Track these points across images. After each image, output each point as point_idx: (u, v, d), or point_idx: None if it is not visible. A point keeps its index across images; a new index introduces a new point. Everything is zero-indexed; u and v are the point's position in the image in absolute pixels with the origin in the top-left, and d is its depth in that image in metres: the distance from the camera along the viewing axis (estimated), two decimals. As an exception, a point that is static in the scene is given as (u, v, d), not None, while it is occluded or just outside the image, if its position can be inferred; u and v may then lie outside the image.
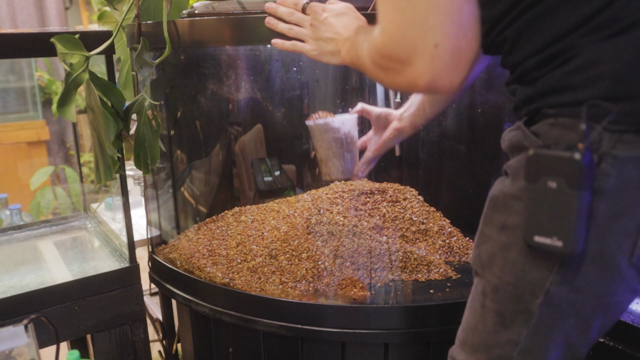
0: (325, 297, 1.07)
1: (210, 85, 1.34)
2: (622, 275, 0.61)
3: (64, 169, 2.74)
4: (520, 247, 0.64)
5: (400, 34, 0.61)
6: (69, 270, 1.28)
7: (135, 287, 1.25)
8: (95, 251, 1.42)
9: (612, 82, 0.57)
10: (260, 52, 1.29)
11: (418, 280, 1.11)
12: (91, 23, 3.50)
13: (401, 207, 1.24)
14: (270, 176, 1.38)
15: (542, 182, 0.57)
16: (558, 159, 0.56)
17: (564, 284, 0.62)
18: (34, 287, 1.15)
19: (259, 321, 1.07)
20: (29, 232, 1.50)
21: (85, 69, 1.04)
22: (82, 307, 1.18)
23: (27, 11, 3.32)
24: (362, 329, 1.02)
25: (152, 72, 1.12)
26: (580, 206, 0.56)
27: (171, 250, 1.30)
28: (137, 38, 1.07)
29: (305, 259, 1.13)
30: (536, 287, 0.63)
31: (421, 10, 0.58)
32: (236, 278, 1.13)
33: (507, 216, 0.65)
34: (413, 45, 0.60)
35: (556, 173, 0.56)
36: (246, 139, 1.39)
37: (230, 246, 1.21)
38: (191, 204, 1.42)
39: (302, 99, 1.34)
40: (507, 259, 0.65)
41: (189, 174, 1.43)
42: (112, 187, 1.65)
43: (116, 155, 1.12)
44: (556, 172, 0.56)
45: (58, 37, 1.01)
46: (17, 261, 1.36)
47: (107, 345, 1.24)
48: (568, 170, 0.56)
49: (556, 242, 0.57)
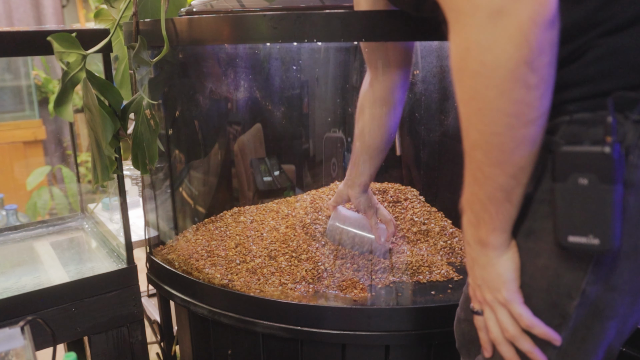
0: (325, 299, 1.06)
1: (209, 84, 1.34)
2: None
3: (61, 168, 2.73)
4: (550, 252, 0.62)
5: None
6: (66, 272, 1.27)
7: (132, 288, 1.24)
8: (93, 252, 1.42)
9: (633, 71, 0.55)
10: (259, 50, 1.28)
11: (419, 281, 1.11)
12: (88, 21, 3.48)
13: (402, 208, 1.23)
14: (269, 176, 1.38)
15: (572, 180, 0.56)
16: (587, 155, 0.55)
17: (599, 282, 0.61)
18: (31, 288, 1.14)
19: (258, 323, 1.06)
20: (25, 232, 1.49)
21: (82, 68, 1.03)
22: (79, 309, 1.17)
23: (23, 9, 3.31)
24: (363, 331, 1.01)
25: (150, 70, 1.11)
26: (615, 201, 0.55)
27: (169, 251, 1.29)
28: (135, 36, 1.06)
29: (305, 260, 1.12)
30: (572, 289, 0.61)
31: None
32: (235, 279, 1.12)
33: (531, 222, 0.63)
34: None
35: (586, 169, 0.55)
36: (245, 139, 1.38)
37: (229, 247, 1.20)
38: (189, 205, 1.41)
39: (302, 98, 1.33)
40: (537, 266, 0.63)
41: (188, 174, 1.42)
42: (109, 187, 1.64)
43: (114, 155, 1.10)
44: (586, 168, 0.55)
45: (55, 35, 1.00)
46: (13, 262, 1.35)
47: (105, 348, 1.23)
48: (599, 166, 0.54)
49: (592, 240, 0.56)
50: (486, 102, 0.54)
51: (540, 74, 0.52)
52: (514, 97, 0.52)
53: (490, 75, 0.52)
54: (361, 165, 1.08)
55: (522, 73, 0.51)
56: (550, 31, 0.51)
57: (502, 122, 0.54)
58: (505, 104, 0.53)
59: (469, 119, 0.57)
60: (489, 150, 0.56)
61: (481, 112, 0.55)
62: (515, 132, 0.54)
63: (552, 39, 0.52)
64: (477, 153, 0.58)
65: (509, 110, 0.53)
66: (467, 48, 0.53)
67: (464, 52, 0.54)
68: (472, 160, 0.59)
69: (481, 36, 0.52)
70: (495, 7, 0.50)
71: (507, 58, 0.51)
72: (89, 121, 1.08)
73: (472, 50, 0.53)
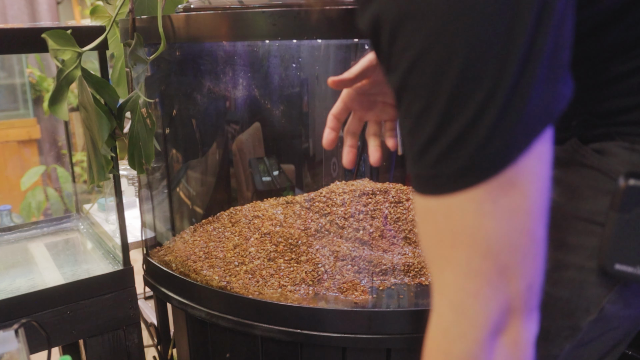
0: (325, 301, 1.05)
1: (206, 82, 1.32)
2: None
3: (56, 168, 2.71)
4: (580, 267, 0.61)
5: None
6: (61, 274, 1.25)
7: (129, 290, 1.22)
8: (88, 253, 1.40)
9: None
10: (258, 48, 1.27)
11: (421, 283, 1.09)
12: (83, 18, 3.47)
13: (404, 208, 1.22)
14: (268, 176, 1.36)
15: (636, 213, 0.55)
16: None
17: (619, 301, 0.60)
18: (25, 290, 1.12)
19: (257, 326, 1.05)
20: (19, 233, 1.48)
21: (77, 66, 1.02)
22: (74, 311, 1.16)
23: (17, 6, 3.29)
24: (364, 334, 0.99)
25: (147, 68, 1.10)
26: None
27: (166, 253, 1.28)
28: (131, 33, 1.05)
29: (305, 262, 1.11)
30: (591, 304, 0.61)
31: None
32: (233, 281, 1.10)
33: (566, 234, 0.63)
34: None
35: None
36: (244, 138, 1.37)
37: (227, 248, 1.19)
38: (187, 205, 1.40)
39: (302, 97, 1.32)
40: (563, 276, 0.63)
41: (185, 174, 1.41)
42: (105, 187, 1.64)
43: (110, 155, 1.10)
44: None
45: (49, 32, 0.99)
46: (7, 264, 1.33)
47: (100, 351, 1.21)
48: None
49: (639, 271, 0.56)
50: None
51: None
52: None
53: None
54: None
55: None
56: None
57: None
58: None
59: None
60: None
61: None
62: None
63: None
64: None
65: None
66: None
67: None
68: None
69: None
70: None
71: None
72: (84, 120, 1.07)
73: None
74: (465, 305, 0.46)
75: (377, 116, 0.87)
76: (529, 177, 0.43)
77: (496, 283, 0.45)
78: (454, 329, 0.47)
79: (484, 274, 0.45)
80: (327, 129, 0.86)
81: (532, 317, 0.48)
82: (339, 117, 0.86)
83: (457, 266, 0.46)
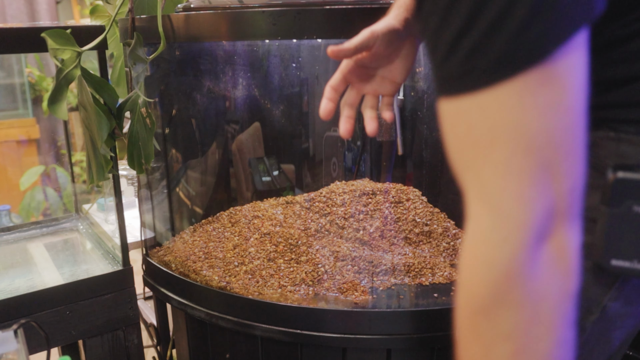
0: (325, 301, 1.05)
1: (206, 81, 1.32)
2: None
3: (55, 168, 2.70)
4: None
5: None
6: (60, 274, 1.25)
7: (128, 290, 1.22)
8: (87, 254, 1.40)
9: None
10: (258, 47, 1.26)
11: (422, 283, 1.09)
12: (83, 17, 3.46)
13: (404, 208, 1.22)
14: (268, 176, 1.36)
15: (626, 206, 0.54)
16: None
17: (620, 298, 0.60)
18: (24, 290, 1.12)
19: (257, 326, 1.04)
20: (18, 233, 1.47)
21: (77, 65, 1.01)
22: (73, 312, 1.16)
23: (16, 5, 3.28)
24: (364, 334, 0.99)
25: (146, 68, 1.10)
26: None
27: (166, 253, 1.27)
28: (131, 33, 1.05)
29: (305, 262, 1.10)
30: (592, 304, 0.61)
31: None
32: (233, 281, 1.10)
33: None
34: None
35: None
36: (244, 138, 1.36)
37: (226, 248, 1.18)
38: (186, 205, 1.40)
39: (302, 96, 1.31)
40: None
41: (185, 174, 1.40)
42: (104, 187, 1.63)
43: (109, 155, 1.09)
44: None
45: (49, 32, 0.99)
46: (6, 264, 1.33)
47: (100, 351, 1.21)
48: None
49: (637, 266, 0.55)
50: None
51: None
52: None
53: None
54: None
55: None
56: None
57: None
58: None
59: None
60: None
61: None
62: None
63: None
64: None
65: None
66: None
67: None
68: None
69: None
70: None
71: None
72: (83, 120, 1.07)
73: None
74: (507, 207, 0.42)
75: (375, 90, 0.83)
76: (568, 72, 0.41)
77: (540, 182, 0.42)
78: (495, 235, 0.43)
79: (526, 172, 0.42)
80: (325, 99, 0.81)
81: (577, 225, 0.45)
82: (337, 88, 0.82)
83: (496, 166, 0.42)
